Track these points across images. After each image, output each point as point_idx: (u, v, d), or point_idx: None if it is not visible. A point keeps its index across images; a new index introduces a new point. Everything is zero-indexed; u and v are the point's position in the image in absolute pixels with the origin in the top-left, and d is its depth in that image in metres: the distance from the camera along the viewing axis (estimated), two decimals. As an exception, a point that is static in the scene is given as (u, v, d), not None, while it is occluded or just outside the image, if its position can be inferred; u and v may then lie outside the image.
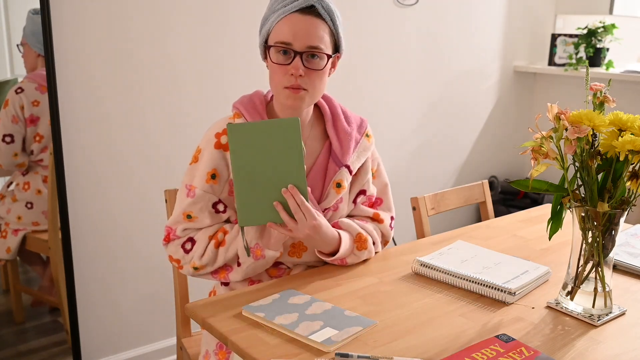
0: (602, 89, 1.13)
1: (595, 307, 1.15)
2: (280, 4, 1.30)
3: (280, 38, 1.29)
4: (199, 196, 1.35)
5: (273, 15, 1.31)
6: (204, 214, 1.36)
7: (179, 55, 2.19)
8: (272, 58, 1.31)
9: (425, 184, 3.15)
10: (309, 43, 1.28)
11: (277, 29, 1.30)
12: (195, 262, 1.36)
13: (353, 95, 2.78)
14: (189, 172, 1.39)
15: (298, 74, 1.28)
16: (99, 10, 2.00)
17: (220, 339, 1.10)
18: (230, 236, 1.35)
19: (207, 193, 1.36)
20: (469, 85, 3.25)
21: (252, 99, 1.41)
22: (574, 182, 1.12)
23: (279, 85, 1.32)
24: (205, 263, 1.36)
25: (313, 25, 1.29)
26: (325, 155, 1.44)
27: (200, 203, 1.36)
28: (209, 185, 1.35)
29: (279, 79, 1.31)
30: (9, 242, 2.04)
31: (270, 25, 1.31)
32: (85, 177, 2.07)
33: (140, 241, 2.22)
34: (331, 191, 1.40)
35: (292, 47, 1.28)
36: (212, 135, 1.37)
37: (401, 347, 1.04)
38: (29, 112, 1.95)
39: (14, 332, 2.11)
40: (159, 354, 2.34)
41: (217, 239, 1.36)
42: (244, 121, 1.36)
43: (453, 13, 3.06)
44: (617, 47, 3.37)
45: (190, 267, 1.38)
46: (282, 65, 1.30)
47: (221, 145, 1.35)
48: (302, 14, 1.28)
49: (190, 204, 1.36)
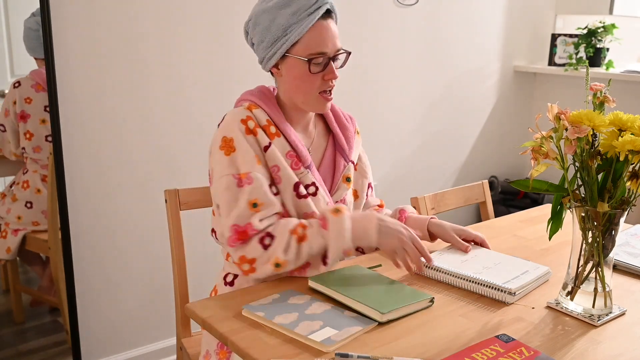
0: (602, 89, 1.13)
1: (595, 307, 1.15)
2: (303, 13, 1.30)
3: (316, 49, 1.32)
4: (258, 179, 1.30)
5: (297, 27, 1.30)
6: (269, 198, 1.31)
7: (179, 54, 2.19)
8: (312, 70, 1.33)
9: (425, 184, 3.15)
10: (337, 47, 1.36)
11: (309, 39, 1.32)
12: (280, 258, 1.27)
13: (353, 95, 2.78)
14: (229, 162, 1.31)
15: (336, 77, 1.35)
16: (99, 10, 2.00)
17: (220, 339, 1.10)
18: (312, 230, 1.30)
19: (263, 176, 1.31)
20: (469, 85, 3.25)
21: (263, 92, 1.43)
22: (574, 182, 1.12)
23: (312, 92, 1.36)
24: (289, 259, 1.29)
25: (333, 28, 1.36)
26: (331, 150, 1.49)
27: (263, 186, 1.30)
28: (261, 167, 1.32)
29: (313, 87, 1.35)
30: (9, 242, 2.04)
31: (298, 36, 1.31)
32: (85, 177, 2.07)
33: (141, 241, 2.22)
34: (342, 185, 1.47)
35: (327, 55, 1.34)
36: (236, 122, 1.33)
37: (401, 347, 1.04)
38: (20, 107, 1.96)
39: (14, 332, 2.11)
40: (159, 354, 2.34)
41: (297, 234, 1.29)
42: (263, 112, 1.37)
43: (453, 13, 3.06)
44: (617, 47, 3.37)
45: (271, 265, 1.28)
46: (318, 73, 1.34)
47: (250, 130, 1.33)
48: (324, 19, 1.33)
49: (252, 190, 1.29)
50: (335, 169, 1.47)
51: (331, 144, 1.49)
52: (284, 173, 1.35)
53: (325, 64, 1.34)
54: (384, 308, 1.12)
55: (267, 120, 1.36)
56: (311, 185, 1.38)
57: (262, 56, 1.38)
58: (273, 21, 1.32)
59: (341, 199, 1.47)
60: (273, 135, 1.35)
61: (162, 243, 2.19)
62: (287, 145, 1.36)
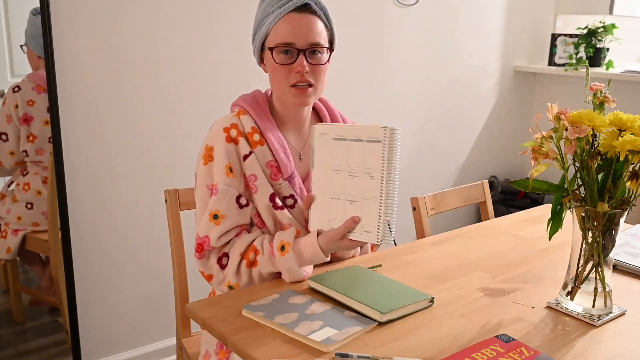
0: (602, 89, 1.13)
1: (595, 307, 1.15)
2: (275, 5, 1.30)
3: (282, 39, 1.30)
4: (223, 191, 1.32)
5: (268, 18, 1.31)
6: (230, 211, 1.32)
7: (179, 57, 2.19)
8: (276, 59, 1.31)
9: (425, 184, 3.15)
10: (311, 40, 1.31)
11: (276, 30, 1.31)
12: (231, 281, 1.33)
13: (353, 95, 2.78)
14: (206, 172, 1.34)
15: (304, 70, 1.30)
16: (99, 11, 2.00)
17: (220, 339, 1.10)
18: (262, 258, 1.31)
19: (230, 187, 1.32)
20: (469, 86, 3.25)
21: (255, 97, 1.42)
22: (574, 182, 1.12)
23: (284, 84, 1.33)
24: (241, 282, 1.33)
25: (311, 22, 1.31)
26: None
27: (226, 199, 1.32)
28: (229, 179, 1.32)
29: (283, 79, 1.32)
30: (9, 242, 2.04)
31: (267, 27, 1.32)
32: (85, 177, 2.07)
33: (140, 241, 2.22)
34: None
35: (295, 46, 1.30)
36: (219, 131, 1.35)
37: (401, 347, 1.04)
38: (22, 111, 1.95)
39: (14, 332, 2.11)
40: (159, 354, 2.34)
41: (248, 259, 1.32)
42: (250, 118, 1.37)
43: (453, 13, 3.06)
44: (617, 47, 3.37)
45: (225, 286, 1.34)
46: (286, 64, 1.31)
47: (231, 138, 1.34)
48: (299, 12, 1.30)
49: (215, 201, 1.32)
50: None
51: None
52: (261, 183, 1.35)
53: (295, 56, 1.31)
54: (384, 308, 1.12)
55: (252, 128, 1.35)
56: (289, 197, 1.38)
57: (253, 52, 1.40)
58: (256, 16, 1.37)
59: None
60: (256, 143, 1.35)
61: (162, 243, 2.19)
62: (269, 155, 1.36)
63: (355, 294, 1.18)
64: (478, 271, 1.38)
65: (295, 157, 1.43)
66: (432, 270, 1.39)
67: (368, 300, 1.15)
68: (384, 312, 1.11)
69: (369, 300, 1.15)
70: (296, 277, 1.30)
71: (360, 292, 1.19)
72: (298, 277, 1.30)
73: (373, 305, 1.13)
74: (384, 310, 1.11)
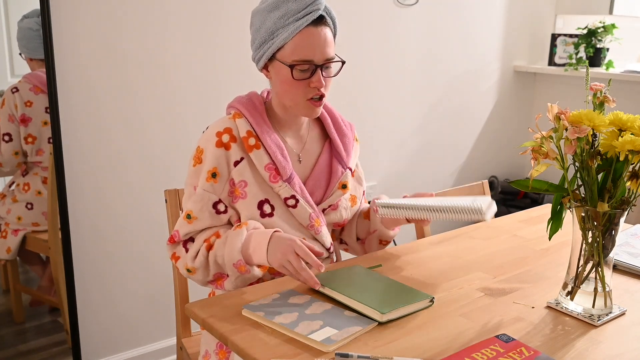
0: (602, 89, 1.13)
1: (595, 307, 1.15)
2: (291, 17, 1.28)
3: (301, 56, 1.30)
4: (199, 195, 1.35)
5: (284, 31, 1.29)
6: (203, 214, 1.35)
7: (179, 57, 2.19)
8: (295, 76, 1.31)
9: (426, 184, 3.15)
10: (327, 56, 1.32)
11: (294, 45, 1.29)
12: (188, 264, 1.36)
13: (353, 95, 2.78)
14: (194, 173, 1.38)
15: (322, 85, 1.32)
16: (99, 11, 2.00)
17: (220, 339, 1.10)
18: (219, 240, 1.33)
19: (207, 192, 1.35)
20: (469, 86, 3.25)
21: (251, 99, 1.42)
22: (574, 182, 1.12)
23: (299, 98, 1.34)
24: (197, 266, 1.35)
25: (326, 36, 1.32)
26: (326, 155, 1.48)
27: (201, 203, 1.35)
28: (209, 184, 1.35)
29: (300, 93, 1.33)
30: (9, 242, 2.04)
31: (284, 41, 1.30)
32: (85, 177, 2.07)
33: (140, 241, 2.22)
34: (337, 191, 1.46)
35: (313, 62, 1.31)
36: (212, 134, 1.36)
37: (401, 347, 1.04)
38: (21, 111, 1.96)
39: (14, 332, 2.11)
40: (159, 354, 2.34)
41: (208, 242, 1.34)
42: (246, 121, 1.37)
43: (453, 13, 3.06)
44: (617, 47, 3.37)
45: (184, 269, 1.38)
46: (304, 80, 1.32)
47: (222, 143, 1.35)
48: (315, 26, 1.30)
49: (192, 202, 1.36)
50: (331, 175, 1.46)
51: (327, 149, 1.48)
52: (251, 189, 1.36)
53: (312, 71, 1.31)
54: (384, 308, 1.12)
55: (248, 132, 1.35)
56: (290, 198, 1.38)
57: (253, 56, 1.39)
58: (263, 23, 1.32)
59: (334, 204, 1.46)
60: (252, 147, 1.35)
61: (162, 243, 2.19)
62: (267, 158, 1.36)
63: (355, 294, 1.18)
64: (478, 271, 1.38)
65: (294, 158, 1.43)
66: (432, 270, 1.39)
67: (368, 300, 1.15)
68: (384, 312, 1.11)
69: (369, 300, 1.15)
70: (232, 257, 1.29)
71: (360, 292, 1.19)
72: (233, 259, 1.29)
73: (373, 305, 1.13)
74: (384, 310, 1.11)
